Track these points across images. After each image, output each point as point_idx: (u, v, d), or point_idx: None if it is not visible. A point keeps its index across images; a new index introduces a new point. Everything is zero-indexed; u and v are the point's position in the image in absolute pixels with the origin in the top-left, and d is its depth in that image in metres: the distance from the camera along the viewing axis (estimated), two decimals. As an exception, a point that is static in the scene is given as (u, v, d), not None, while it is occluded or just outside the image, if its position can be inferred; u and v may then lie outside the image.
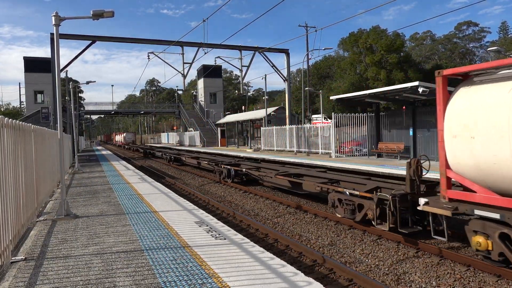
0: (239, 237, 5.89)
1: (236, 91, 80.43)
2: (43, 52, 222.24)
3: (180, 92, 71.31)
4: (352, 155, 20.53)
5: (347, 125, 20.64)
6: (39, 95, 49.63)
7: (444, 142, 6.83)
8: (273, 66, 33.74)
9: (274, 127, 28.64)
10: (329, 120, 25.05)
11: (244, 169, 16.22)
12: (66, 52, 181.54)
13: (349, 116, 20.31)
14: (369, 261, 7.33)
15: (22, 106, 56.95)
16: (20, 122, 6.39)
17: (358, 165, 14.89)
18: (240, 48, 32.04)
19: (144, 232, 6.33)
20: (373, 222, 8.35)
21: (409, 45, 78.88)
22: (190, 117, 54.31)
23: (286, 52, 34.02)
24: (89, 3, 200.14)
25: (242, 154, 24.94)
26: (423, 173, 8.01)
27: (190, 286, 4.03)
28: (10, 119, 5.57)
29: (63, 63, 28.75)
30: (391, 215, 7.84)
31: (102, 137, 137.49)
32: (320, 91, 36.42)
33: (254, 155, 23.38)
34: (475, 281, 6.12)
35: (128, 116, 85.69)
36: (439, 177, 7.21)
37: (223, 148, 38.05)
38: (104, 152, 40.23)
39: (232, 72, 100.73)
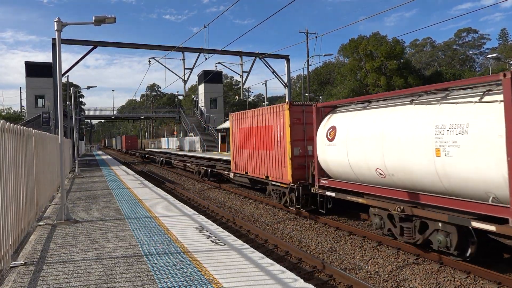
0: (239, 242, 5.88)
1: (237, 97, 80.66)
2: (45, 56, 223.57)
3: (180, 97, 71.43)
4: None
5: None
6: (40, 100, 49.76)
7: None
8: (274, 72, 33.86)
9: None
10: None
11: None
12: (68, 57, 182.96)
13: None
14: (369, 267, 7.31)
15: (23, 110, 57.07)
16: (21, 126, 6.41)
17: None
18: (240, 54, 32.15)
19: (144, 237, 6.32)
20: None
21: (409, 52, 79.24)
22: (191, 122, 54.37)
23: (286, 58, 34.14)
24: (92, 8, 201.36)
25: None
26: None
27: (189, 292, 4.03)
28: (11, 124, 5.60)
29: (65, 67, 28.86)
30: None
31: (115, 141, 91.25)
32: (320, 97, 36.51)
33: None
34: (475, 288, 6.11)
35: (128, 121, 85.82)
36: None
37: (224, 153, 38.06)
38: (104, 157, 40.27)
39: (232, 77, 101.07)
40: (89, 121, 73.18)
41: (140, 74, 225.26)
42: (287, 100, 34.65)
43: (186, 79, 30.82)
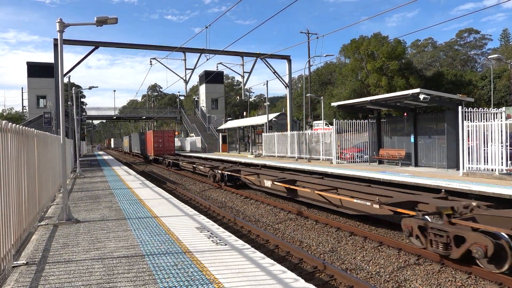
0: (240, 243, 5.89)
1: (238, 97, 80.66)
2: (48, 57, 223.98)
3: (181, 97, 71.50)
4: (353, 162, 20.52)
5: (348, 132, 20.65)
6: (41, 100, 49.92)
7: None
8: (275, 72, 33.87)
9: (276, 133, 28.67)
10: (330, 126, 25.08)
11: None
12: (70, 57, 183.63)
13: (350, 123, 20.34)
14: (370, 268, 7.32)
15: (25, 111, 57.23)
16: (23, 127, 6.44)
17: (360, 171, 14.89)
18: (242, 54, 32.16)
19: (145, 238, 6.34)
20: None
21: (410, 52, 79.16)
22: (192, 122, 54.42)
23: (287, 58, 34.13)
24: (94, 8, 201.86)
25: (243, 160, 24.98)
26: None
27: (191, 292, 4.04)
28: (13, 124, 5.62)
29: (66, 68, 28.92)
30: None
31: (129, 141, 60.95)
32: (322, 97, 36.50)
33: (256, 161, 23.40)
34: (476, 288, 6.11)
35: (129, 121, 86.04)
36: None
37: (225, 154, 38.08)
38: (105, 157, 40.36)
39: (233, 78, 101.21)
40: (90, 121, 73.33)
41: (142, 74, 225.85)
42: (288, 101, 34.63)
43: (187, 79, 30.87)
